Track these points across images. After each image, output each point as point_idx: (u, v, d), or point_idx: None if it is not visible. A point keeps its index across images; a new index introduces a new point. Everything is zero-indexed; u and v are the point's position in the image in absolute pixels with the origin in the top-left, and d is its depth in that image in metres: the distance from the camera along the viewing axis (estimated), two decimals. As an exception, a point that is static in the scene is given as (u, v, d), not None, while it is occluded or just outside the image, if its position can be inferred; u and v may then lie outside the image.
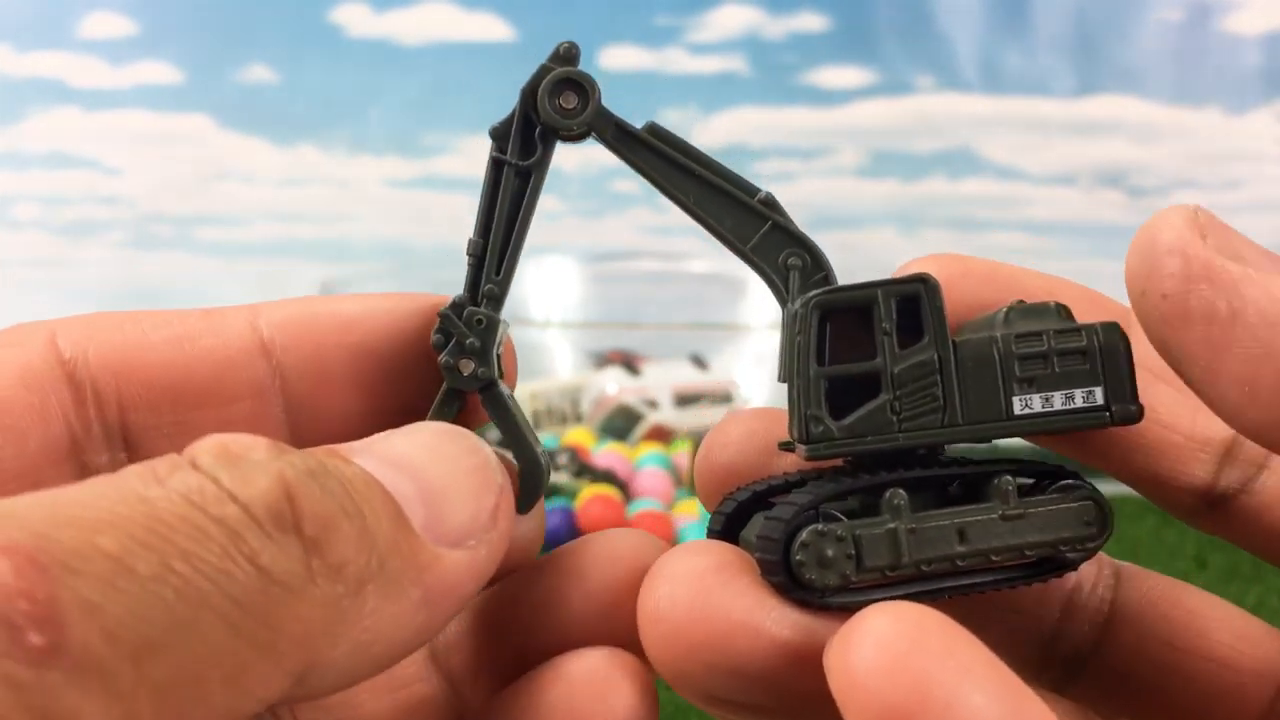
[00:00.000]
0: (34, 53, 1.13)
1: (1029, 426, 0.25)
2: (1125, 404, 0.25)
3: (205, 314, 0.26)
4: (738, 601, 0.24)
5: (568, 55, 0.27)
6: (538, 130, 0.27)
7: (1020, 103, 1.18)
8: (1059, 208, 1.19)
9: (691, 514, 0.79)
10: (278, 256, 1.18)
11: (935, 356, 0.25)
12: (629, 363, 0.94)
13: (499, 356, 0.27)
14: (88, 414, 0.25)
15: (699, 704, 0.25)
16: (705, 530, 0.28)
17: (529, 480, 0.26)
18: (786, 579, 0.24)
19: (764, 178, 1.21)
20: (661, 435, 0.91)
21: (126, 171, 1.16)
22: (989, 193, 1.20)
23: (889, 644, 0.21)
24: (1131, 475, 0.28)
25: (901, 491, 0.25)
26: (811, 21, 1.16)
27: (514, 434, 0.26)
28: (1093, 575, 0.29)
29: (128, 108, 1.14)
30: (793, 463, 0.28)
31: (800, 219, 0.28)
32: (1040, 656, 0.30)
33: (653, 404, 0.92)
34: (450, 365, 0.26)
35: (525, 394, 0.91)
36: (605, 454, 0.85)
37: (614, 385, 0.93)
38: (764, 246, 0.28)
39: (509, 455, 0.26)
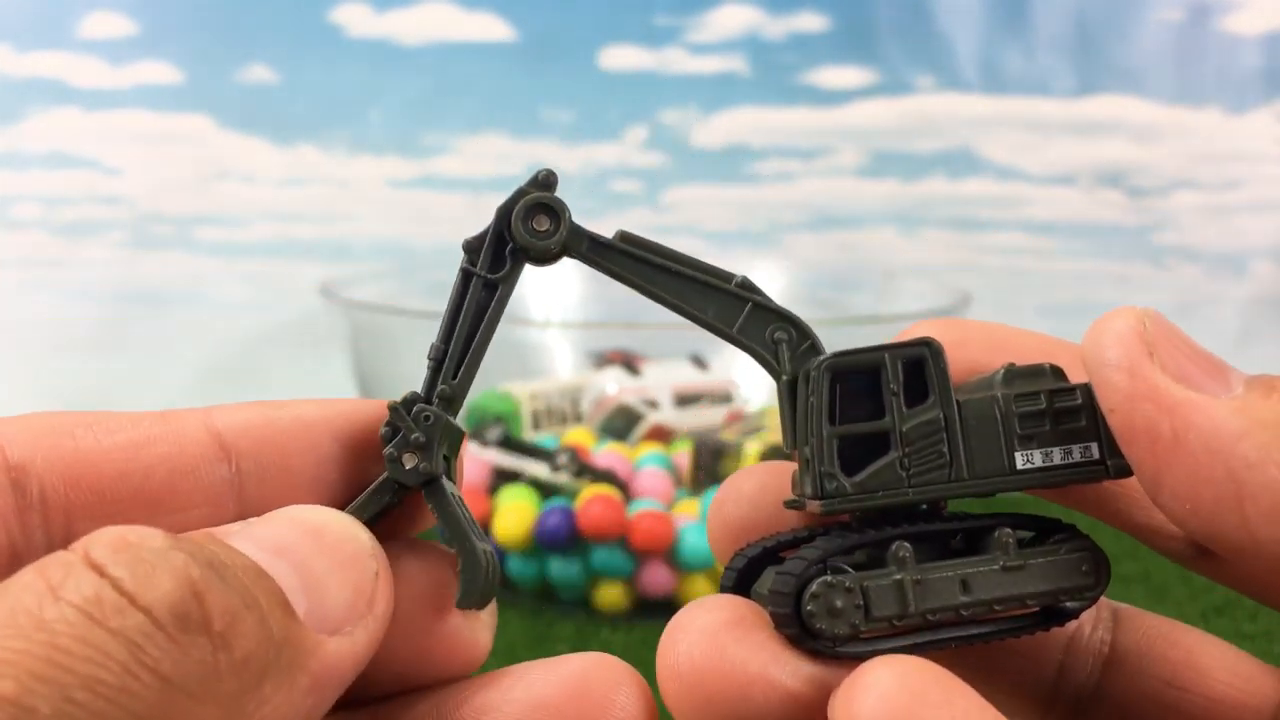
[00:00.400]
0: (34, 53, 1.13)
1: (1031, 481, 0.26)
2: (1120, 458, 0.26)
3: (161, 417, 0.26)
4: (754, 655, 0.25)
5: (545, 182, 0.28)
6: (509, 248, 0.28)
7: (1020, 103, 1.18)
8: (1059, 208, 1.19)
9: (692, 514, 0.79)
10: (278, 256, 1.18)
11: (941, 415, 0.26)
12: (629, 363, 0.94)
13: (448, 459, 0.27)
14: (31, 521, 0.24)
15: None
16: (719, 586, 0.29)
17: (470, 577, 0.26)
18: (799, 630, 0.25)
19: (764, 178, 1.21)
20: (661, 435, 0.91)
21: (126, 171, 1.16)
22: (989, 193, 1.20)
23: (891, 696, 0.22)
24: (1127, 525, 0.29)
25: (907, 544, 0.26)
26: (811, 21, 1.16)
27: (456, 530, 0.27)
28: (1091, 618, 0.30)
29: (128, 108, 1.14)
30: (799, 518, 0.29)
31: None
32: (1045, 699, 0.30)
33: (653, 404, 0.92)
34: (393, 457, 0.27)
35: (525, 394, 0.91)
36: (605, 454, 0.85)
37: (614, 385, 0.93)
38: (749, 327, 0.29)
39: (457, 549, 0.27)
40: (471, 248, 0.28)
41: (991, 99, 1.18)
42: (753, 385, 0.96)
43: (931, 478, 0.26)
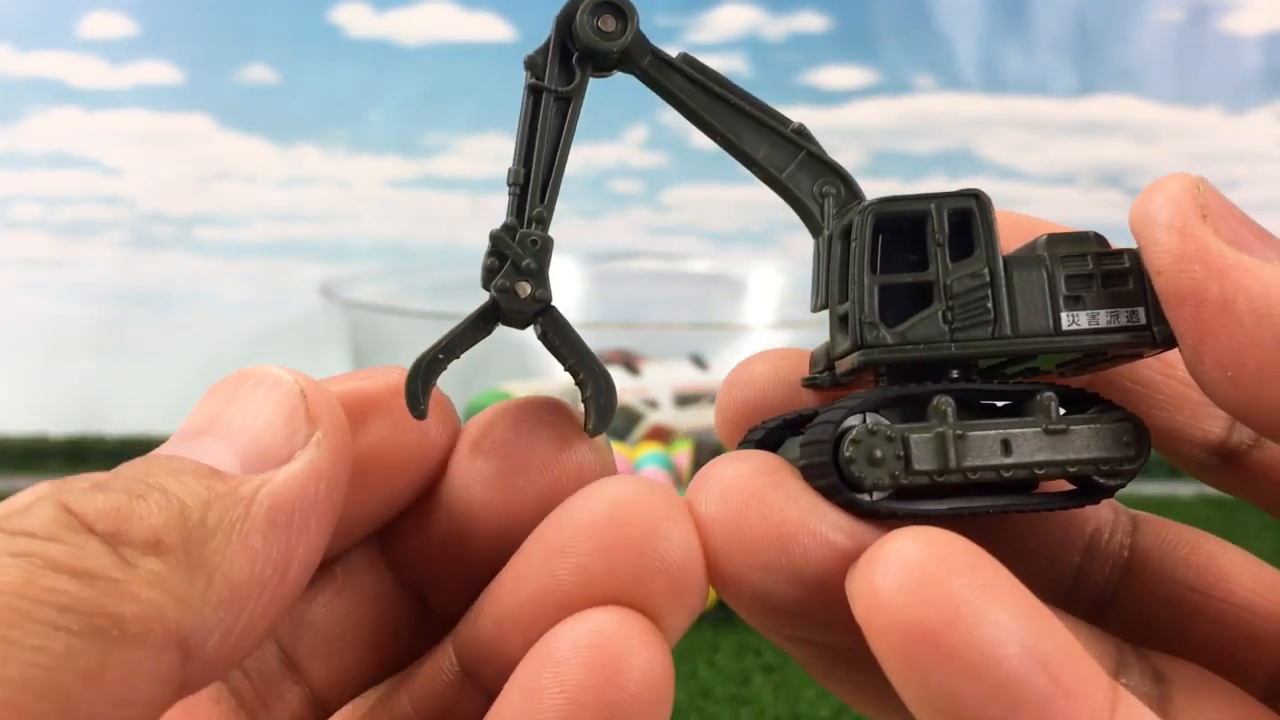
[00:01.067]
0: (34, 52, 1.13)
1: (1077, 342, 0.25)
2: (1165, 326, 0.25)
3: None
4: (793, 503, 0.24)
5: None
6: (575, 57, 0.27)
7: (1020, 103, 1.18)
8: (1059, 207, 1.19)
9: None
10: (278, 256, 1.18)
11: (987, 270, 0.25)
12: (629, 363, 0.94)
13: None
14: None
15: (750, 615, 0.24)
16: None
17: (603, 402, 0.26)
18: (836, 479, 0.24)
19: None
20: (661, 435, 0.91)
21: (126, 171, 1.16)
22: (989, 192, 1.19)
23: (916, 564, 0.21)
24: (1149, 427, 0.28)
25: (949, 399, 0.25)
26: (811, 21, 1.16)
27: (585, 356, 0.26)
28: (1110, 520, 0.30)
29: (128, 108, 1.14)
30: (816, 399, 0.29)
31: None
32: (1062, 602, 0.30)
33: (653, 404, 0.92)
34: (505, 288, 0.25)
35: (526, 393, 0.91)
36: (605, 454, 0.85)
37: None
38: (799, 175, 0.28)
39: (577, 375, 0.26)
40: (534, 63, 0.27)
41: (991, 99, 1.18)
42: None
43: (975, 334, 0.25)
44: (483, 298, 0.26)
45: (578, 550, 0.22)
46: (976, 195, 0.26)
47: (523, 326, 0.26)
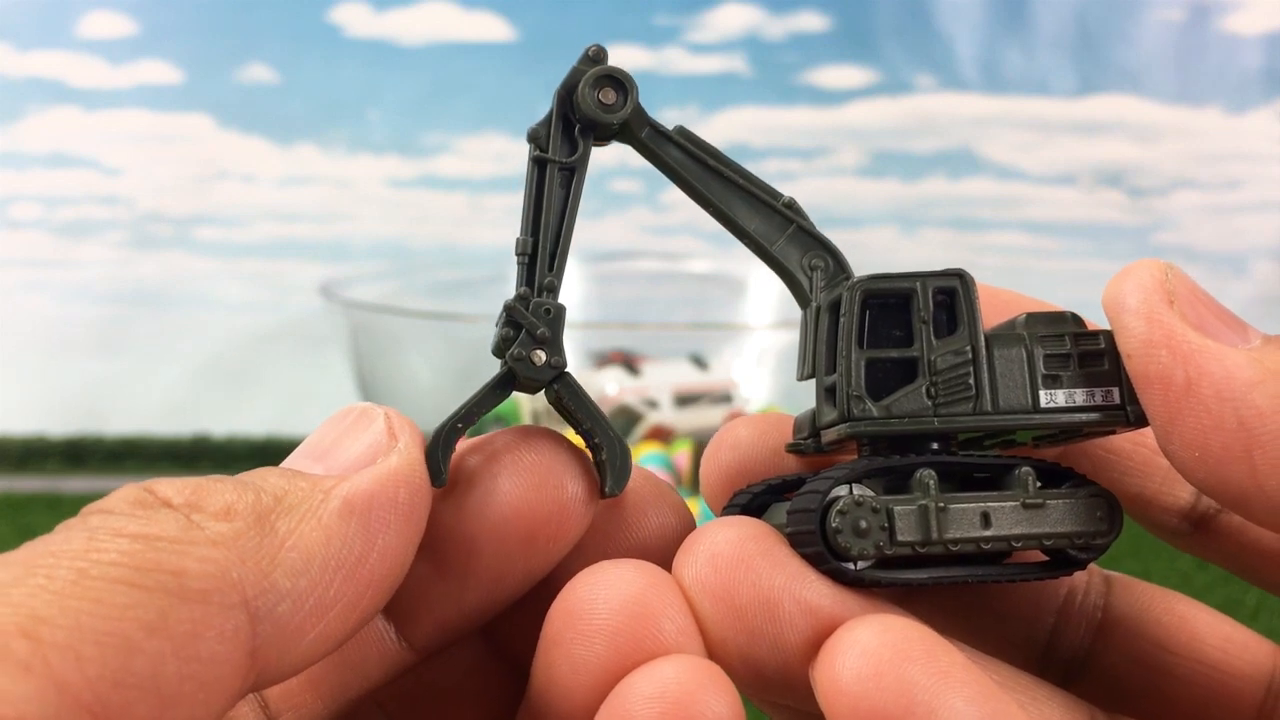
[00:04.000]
0: (33, 52, 1.13)
1: (1054, 420, 0.26)
2: (1138, 405, 0.26)
3: None
4: (780, 570, 0.24)
5: (598, 56, 0.27)
6: (576, 128, 0.28)
7: (1020, 102, 1.18)
8: (1059, 208, 1.19)
9: (692, 513, 0.79)
10: (277, 256, 1.18)
11: (969, 347, 0.26)
12: (629, 363, 0.94)
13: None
14: None
15: (735, 678, 0.25)
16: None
17: (620, 464, 0.26)
18: (823, 548, 0.25)
19: (765, 177, 1.21)
20: (661, 435, 0.90)
21: (126, 171, 1.16)
22: (989, 193, 1.19)
23: (873, 652, 0.22)
24: (1124, 495, 0.29)
25: (931, 471, 0.26)
26: (811, 21, 1.16)
27: (599, 419, 0.27)
28: (1084, 583, 0.30)
29: (127, 107, 1.14)
30: (799, 465, 0.29)
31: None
32: (1037, 663, 0.30)
33: (653, 404, 0.92)
34: (521, 356, 0.26)
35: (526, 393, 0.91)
36: (605, 454, 0.85)
37: (614, 385, 0.93)
38: (788, 248, 0.29)
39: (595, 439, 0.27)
40: (537, 135, 0.28)
41: (991, 99, 1.18)
42: (753, 385, 0.96)
43: (957, 409, 0.26)
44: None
45: (595, 662, 0.23)
46: (961, 275, 0.27)
47: (535, 391, 0.27)
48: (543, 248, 0.27)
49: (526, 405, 0.91)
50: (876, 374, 0.26)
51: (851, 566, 0.25)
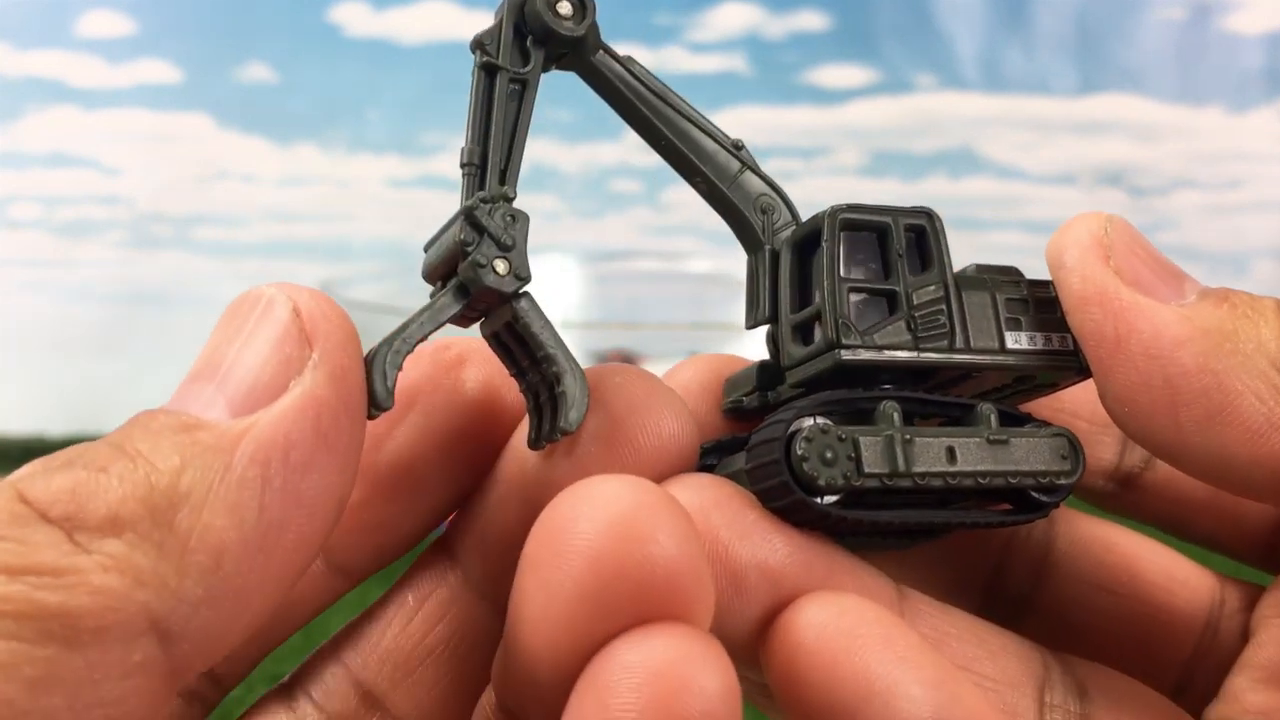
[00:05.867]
0: (33, 51, 1.13)
1: (1018, 360, 0.26)
2: None
3: None
4: (744, 538, 0.23)
5: None
6: (528, 39, 0.26)
7: (1021, 102, 1.18)
8: (1059, 207, 1.19)
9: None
10: (277, 256, 1.18)
11: (943, 285, 0.26)
12: (629, 363, 0.94)
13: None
14: None
15: None
16: None
17: (577, 391, 0.23)
18: (788, 477, 0.23)
19: (764, 177, 1.21)
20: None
21: (125, 171, 1.16)
22: (989, 192, 1.19)
23: (829, 637, 0.21)
24: None
25: (895, 404, 0.25)
26: (812, 21, 1.16)
27: (559, 344, 0.24)
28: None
29: (127, 107, 1.14)
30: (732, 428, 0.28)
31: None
32: (981, 601, 0.30)
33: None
34: (484, 263, 0.23)
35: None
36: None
37: (614, 385, 0.93)
38: (740, 189, 0.28)
39: (559, 366, 0.23)
40: (482, 43, 0.25)
41: (992, 98, 1.18)
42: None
43: (936, 345, 0.26)
44: None
45: (572, 588, 0.19)
46: (930, 214, 0.27)
47: (491, 308, 0.24)
48: (493, 159, 0.25)
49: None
50: (807, 324, 0.26)
51: (817, 500, 0.23)
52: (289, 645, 0.27)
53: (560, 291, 1.05)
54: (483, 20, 0.27)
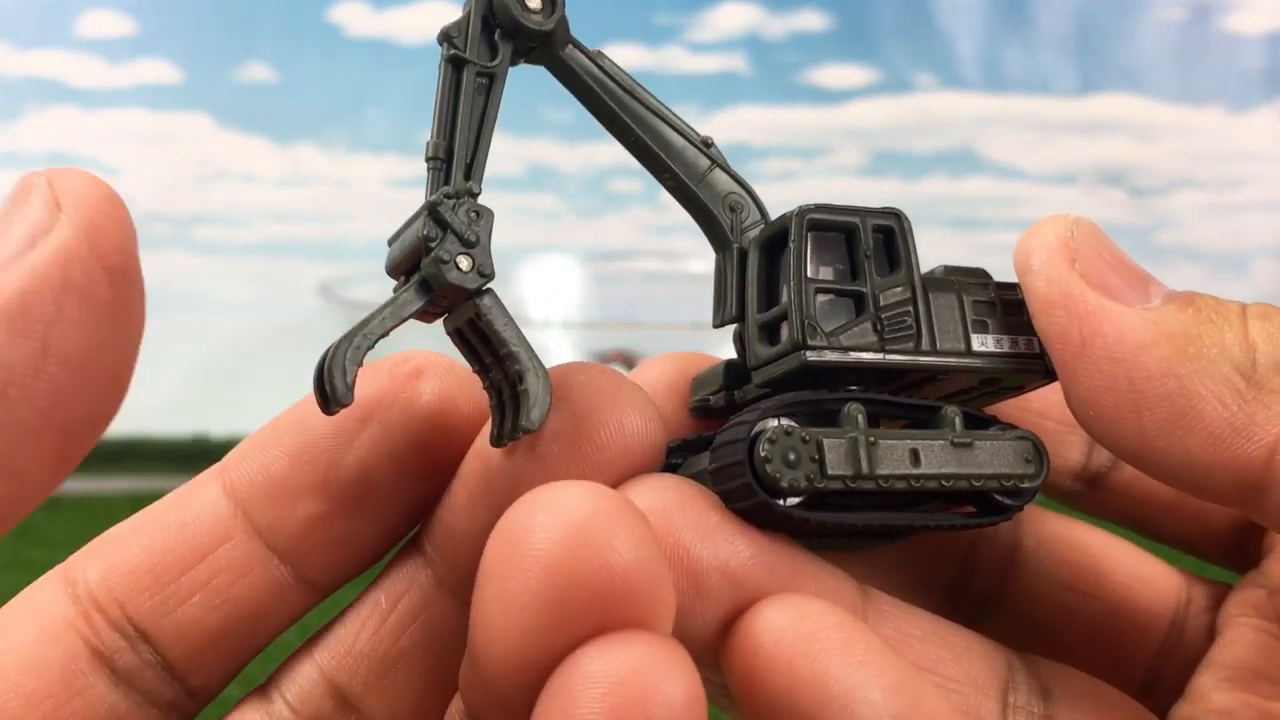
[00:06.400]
0: (32, 51, 1.13)
1: (984, 364, 0.26)
2: None
3: (175, 494, 0.26)
4: (705, 540, 0.23)
5: None
6: (497, 32, 0.25)
7: (1021, 102, 1.18)
8: (1060, 207, 1.18)
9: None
10: (277, 256, 1.18)
11: (910, 286, 0.26)
12: (629, 363, 0.94)
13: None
14: (96, 625, 0.24)
15: None
16: None
17: (539, 391, 0.23)
18: (751, 479, 0.23)
19: (765, 177, 1.21)
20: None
21: (125, 171, 1.16)
22: (989, 192, 1.19)
23: (788, 642, 0.21)
24: None
25: (860, 406, 0.25)
26: (812, 20, 1.16)
27: (522, 342, 0.23)
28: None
29: (126, 107, 1.14)
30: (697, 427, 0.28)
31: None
32: (947, 600, 0.30)
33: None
34: (447, 259, 0.23)
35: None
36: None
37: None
38: (709, 187, 0.28)
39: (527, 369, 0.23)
40: (449, 36, 0.25)
41: (992, 98, 1.17)
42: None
43: (902, 346, 0.25)
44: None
45: (530, 598, 0.19)
46: (898, 215, 0.26)
47: (453, 305, 0.24)
48: (459, 154, 0.24)
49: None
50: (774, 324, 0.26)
51: (780, 503, 0.23)
52: (278, 645, 0.27)
53: (560, 291, 1.05)
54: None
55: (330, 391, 0.22)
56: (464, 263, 0.23)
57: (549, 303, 1.04)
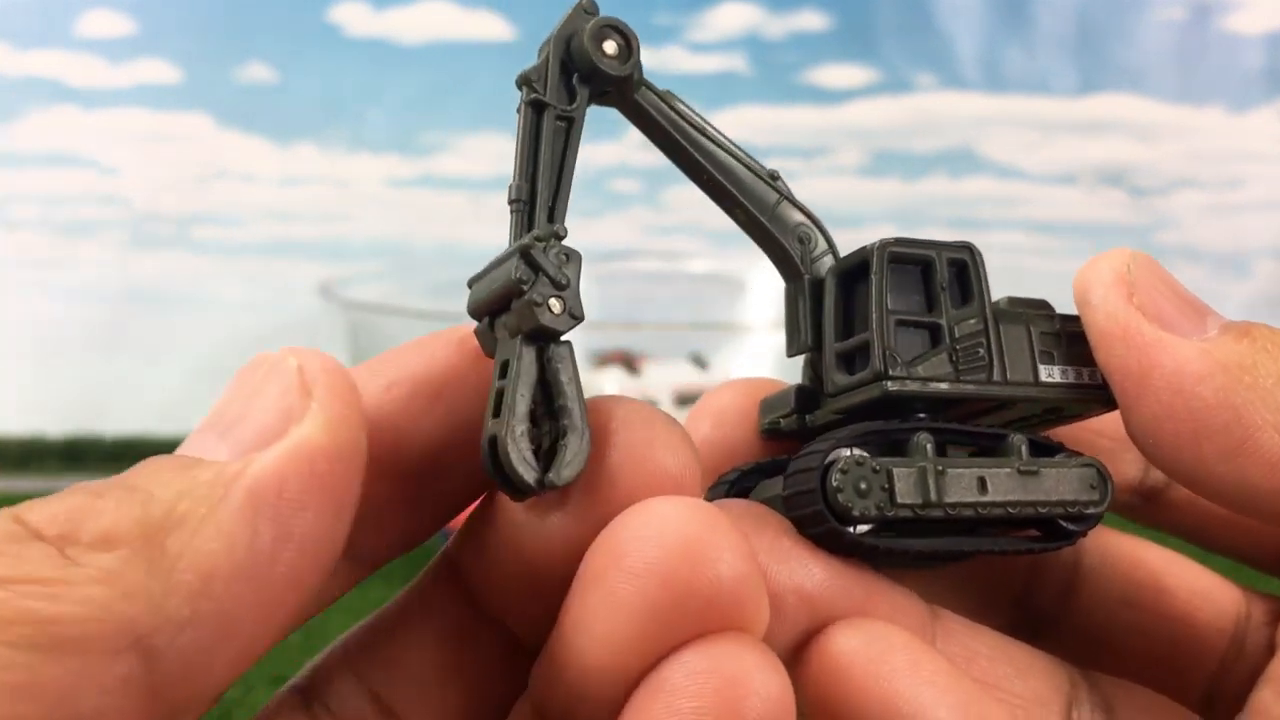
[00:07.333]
0: (32, 51, 1.13)
1: (1053, 394, 0.27)
2: None
3: None
4: (781, 561, 0.24)
5: (590, 9, 0.26)
6: (575, 76, 0.26)
7: (1021, 101, 1.18)
8: (1060, 207, 1.19)
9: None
10: (277, 256, 1.18)
11: (983, 318, 0.27)
12: (629, 363, 0.94)
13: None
14: None
15: None
16: (707, 498, 0.27)
17: (577, 450, 0.23)
18: (823, 507, 0.24)
19: (764, 177, 1.21)
20: (661, 435, 0.90)
21: (125, 171, 1.16)
22: (989, 192, 1.19)
23: (859, 664, 0.22)
24: None
25: (929, 435, 0.26)
26: (812, 20, 1.16)
27: (579, 399, 0.23)
28: None
29: (126, 107, 1.14)
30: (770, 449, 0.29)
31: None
32: (1009, 620, 0.31)
33: (653, 404, 0.91)
34: (539, 302, 0.23)
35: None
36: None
37: (614, 385, 0.93)
38: (779, 220, 0.29)
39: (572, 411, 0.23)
40: (530, 79, 0.25)
41: (992, 98, 1.17)
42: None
43: (976, 377, 0.26)
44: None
45: (641, 604, 0.20)
46: (970, 248, 0.27)
47: (549, 340, 0.24)
48: (542, 196, 0.25)
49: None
50: (849, 354, 0.27)
51: (850, 530, 0.24)
52: (288, 644, 0.27)
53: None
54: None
55: (525, 486, 0.22)
56: (556, 305, 0.23)
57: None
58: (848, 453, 0.25)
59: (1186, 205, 1.18)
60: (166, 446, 0.23)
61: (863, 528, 0.24)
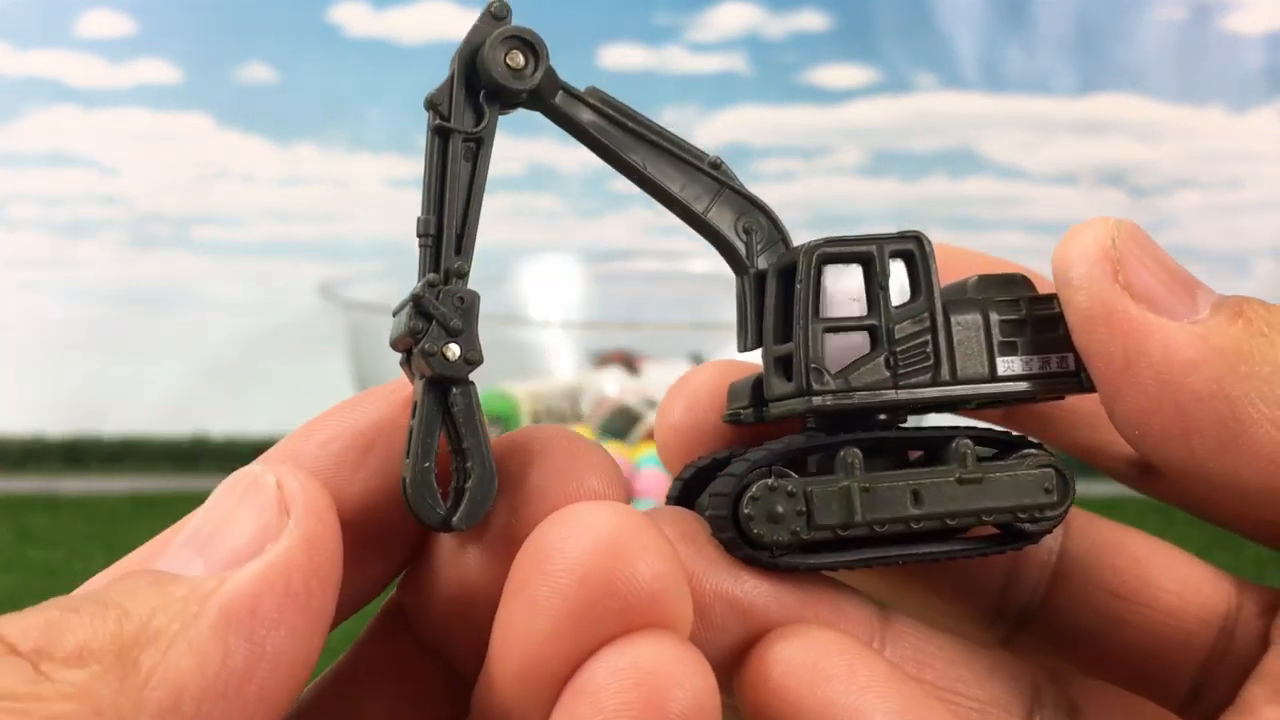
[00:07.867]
0: (32, 51, 1.13)
1: (1012, 389, 0.25)
2: None
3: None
4: (711, 570, 0.24)
5: (500, 13, 0.25)
6: (481, 94, 0.25)
7: (1021, 101, 1.17)
8: (1060, 207, 1.19)
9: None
10: (276, 256, 1.18)
11: (929, 314, 0.25)
12: (629, 363, 0.94)
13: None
14: None
15: None
16: (666, 498, 0.28)
17: (480, 495, 0.23)
18: (735, 534, 0.24)
19: (765, 177, 1.21)
20: (661, 435, 0.90)
21: (124, 171, 1.15)
22: (989, 192, 1.19)
23: (793, 671, 0.22)
24: (1075, 446, 0.29)
25: (856, 450, 0.25)
26: (812, 20, 1.16)
27: (483, 440, 0.23)
28: None
29: (126, 107, 1.14)
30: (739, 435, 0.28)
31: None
32: (989, 611, 0.30)
33: (653, 404, 0.91)
34: (434, 352, 0.23)
35: (525, 394, 0.91)
36: (605, 454, 0.84)
37: (614, 385, 0.93)
38: (720, 211, 0.27)
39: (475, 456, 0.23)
40: (436, 102, 0.24)
41: (992, 98, 1.17)
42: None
43: (918, 380, 0.25)
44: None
45: (561, 605, 0.20)
46: (918, 238, 0.26)
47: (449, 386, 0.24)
48: (448, 228, 0.24)
49: (527, 406, 0.91)
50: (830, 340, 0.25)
51: (767, 554, 0.24)
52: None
53: (560, 291, 1.05)
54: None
55: (437, 521, 0.23)
56: (451, 352, 0.23)
57: (549, 303, 1.04)
58: (761, 479, 0.24)
59: (1186, 205, 1.18)
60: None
61: (781, 551, 0.24)
